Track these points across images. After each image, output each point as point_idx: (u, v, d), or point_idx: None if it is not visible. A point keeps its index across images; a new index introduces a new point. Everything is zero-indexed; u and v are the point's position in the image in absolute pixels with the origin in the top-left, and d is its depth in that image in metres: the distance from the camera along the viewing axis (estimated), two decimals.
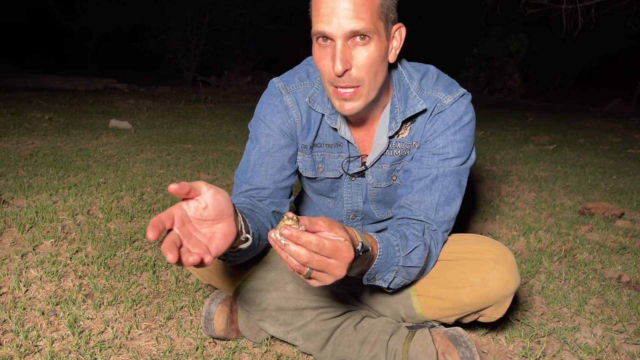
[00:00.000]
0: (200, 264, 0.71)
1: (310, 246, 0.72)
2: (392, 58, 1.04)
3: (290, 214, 0.75)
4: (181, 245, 0.70)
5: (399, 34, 1.04)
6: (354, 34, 0.94)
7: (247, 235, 0.89)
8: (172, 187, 0.68)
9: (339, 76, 0.96)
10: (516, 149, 4.46)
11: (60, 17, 14.19)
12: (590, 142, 5.11)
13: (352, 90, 0.99)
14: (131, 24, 12.78)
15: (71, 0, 13.67)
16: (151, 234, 0.65)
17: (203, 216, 0.75)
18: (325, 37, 0.96)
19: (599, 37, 10.97)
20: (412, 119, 1.13)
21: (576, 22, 5.79)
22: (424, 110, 1.11)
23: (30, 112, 5.16)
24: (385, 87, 1.08)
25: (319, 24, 0.95)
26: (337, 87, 0.99)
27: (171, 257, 0.66)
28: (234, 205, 0.82)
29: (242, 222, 0.88)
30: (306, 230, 0.74)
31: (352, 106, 1.01)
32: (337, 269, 0.75)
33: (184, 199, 0.74)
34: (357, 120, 1.14)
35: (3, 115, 4.87)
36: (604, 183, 3.21)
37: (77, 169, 2.89)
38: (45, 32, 15.41)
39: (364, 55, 0.96)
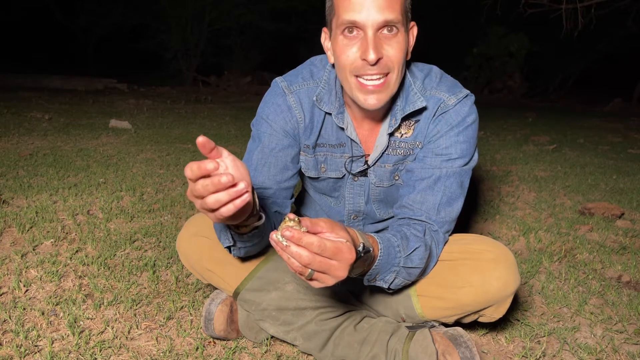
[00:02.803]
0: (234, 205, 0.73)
1: (312, 247, 0.72)
2: (408, 55, 1.04)
3: (292, 215, 0.75)
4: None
5: (412, 32, 1.05)
6: (385, 25, 0.94)
7: (261, 213, 0.90)
8: (200, 140, 0.70)
9: (372, 65, 0.96)
10: (516, 149, 4.46)
11: (60, 17, 14.19)
12: (590, 142, 5.11)
13: (380, 81, 0.98)
14: (131, 24, 12.77)
15: (71, 0, 13.66)
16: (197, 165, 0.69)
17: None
18: (353, 27, 0.95)
19: (599, 37, 10.97)
20: (413, 117, 1.12)
21: (576, 22, 5.79)
22: (424, 108, 1.11)
23: (30, 112, 5.15)
24: None
25: (349, 13, 0.94)
26: (361, 77, 0.98)
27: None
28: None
29: (257, 199, 0.88)
30: (307, 232, 0.74)
31: (378, 98, 1.00)
32: (338, 270, 0.75)
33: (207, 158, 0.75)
34: (366, 119, 1.14)
35: (3, 115, 4.87)
36: (604, 183, 3.21)
37: (77, 169, 2.89)
38: (45, 32, 15.41)
39: (393, 45, 0.97)
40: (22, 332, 1.20)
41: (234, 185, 0.71)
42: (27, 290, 1.44)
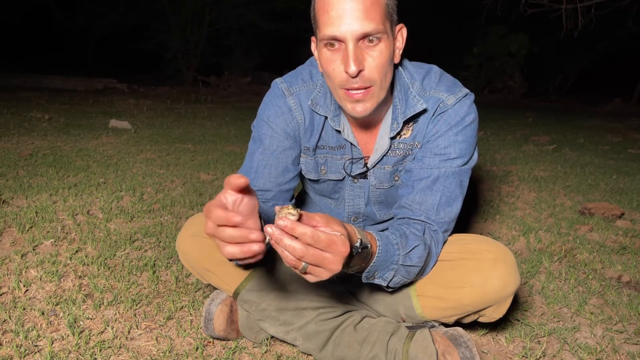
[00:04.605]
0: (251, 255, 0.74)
1: (305, 238, 0.72)
2: (396, 59, 1.04)
3: (292, 208, 0.74)
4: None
5: (401, 34, 1.05)
6: (365, 36, 0.94)
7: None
8: (240, 182, 0.72)
9: (353, 77, 0.96)
10: (516, 149, 4.46)
11: (60, 17, 14.19)
12: (590, 142, 5.11)
13: (363, 91, 0.98)
14: (131, 24, 12.78)
15: (71, 0, 13.66)
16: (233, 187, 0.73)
17: (239, 210, 0.76)
18: (334, 40, 0.95)
19: (599, 37, 10.97)
20: (414, 119, 1.12)
21: (576, 22, 5.79)
22: (425, 110, 1.11)
23: (30, 112, 5.16)
24: (390, 88, 1.08)
25: (329, 28, 0.94)
26: (348, 89, 0.99)
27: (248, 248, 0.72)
28: None
29: (261, 221, 0.88)
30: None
31: (364, 107, 1.00)
32: (332, 263, 0.75)
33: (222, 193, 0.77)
34: (362, 123, 1.14)
35: (3, 115, 4.87)
36: (604, 183, 3.21)
37: (77, 169, 2.89)
38: (45, 32, 15.41)
39: (375, 55, 0.96)
40: (22, 332, 1.20)
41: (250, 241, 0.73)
42: (27, 290, 1.44)
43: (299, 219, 0.74)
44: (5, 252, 1.69)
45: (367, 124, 1.14)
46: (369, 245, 0.89)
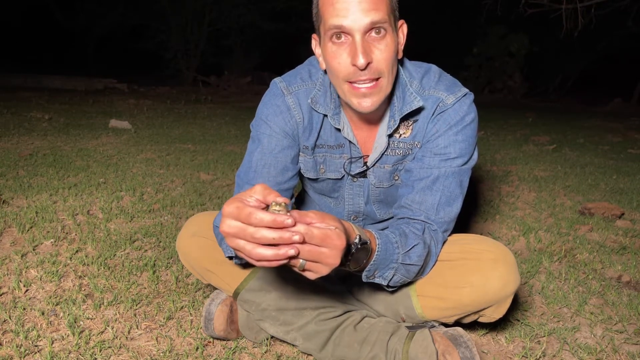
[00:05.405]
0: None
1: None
2: (399, 54, 1.04)
3: (280, 199, 0.73)
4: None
5: (402, 31, 1.05)
6: (372, 26, 0.94)
7: None
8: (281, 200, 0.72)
9: (362, 70, 0.96)
10: (516, 149, 4.46)
11: (60, 17, 14.20)
12: (590, 142, 5.11)
13: (372, 84, 0.98)
14: (131, 24, 12.79)
15: (71, 1, 13.67)
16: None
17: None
18: (341, 33, 0.95)
19: (599, 37, 10.98)
20: (412, 117, 1.12)
21: (576, 22, 5.79)
22: (422, 108, 1.11)
23: (30, 112, 5.16)
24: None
25: (335, 19, 0.94)
26: (354, 83, 0.98)
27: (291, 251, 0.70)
28: None
29: None
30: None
31: (371, 101, 1.00)
32: (329, 258, 0.74)
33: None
34: (363, 120, 1.14)
35: (3, 115, 4.87)
36: (604, 183, 3.21)
37: (77, 169, 2.89)
38: (45, 32, 15.42)
39: (382, 48, 0.96)
40: (22, 332, 1.20)
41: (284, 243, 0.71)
42: (27, 290, 1.44)
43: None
44: (5, 252, 1.69)
45: (367, 121, 1.14)
46: (368, 242, 0.89)
